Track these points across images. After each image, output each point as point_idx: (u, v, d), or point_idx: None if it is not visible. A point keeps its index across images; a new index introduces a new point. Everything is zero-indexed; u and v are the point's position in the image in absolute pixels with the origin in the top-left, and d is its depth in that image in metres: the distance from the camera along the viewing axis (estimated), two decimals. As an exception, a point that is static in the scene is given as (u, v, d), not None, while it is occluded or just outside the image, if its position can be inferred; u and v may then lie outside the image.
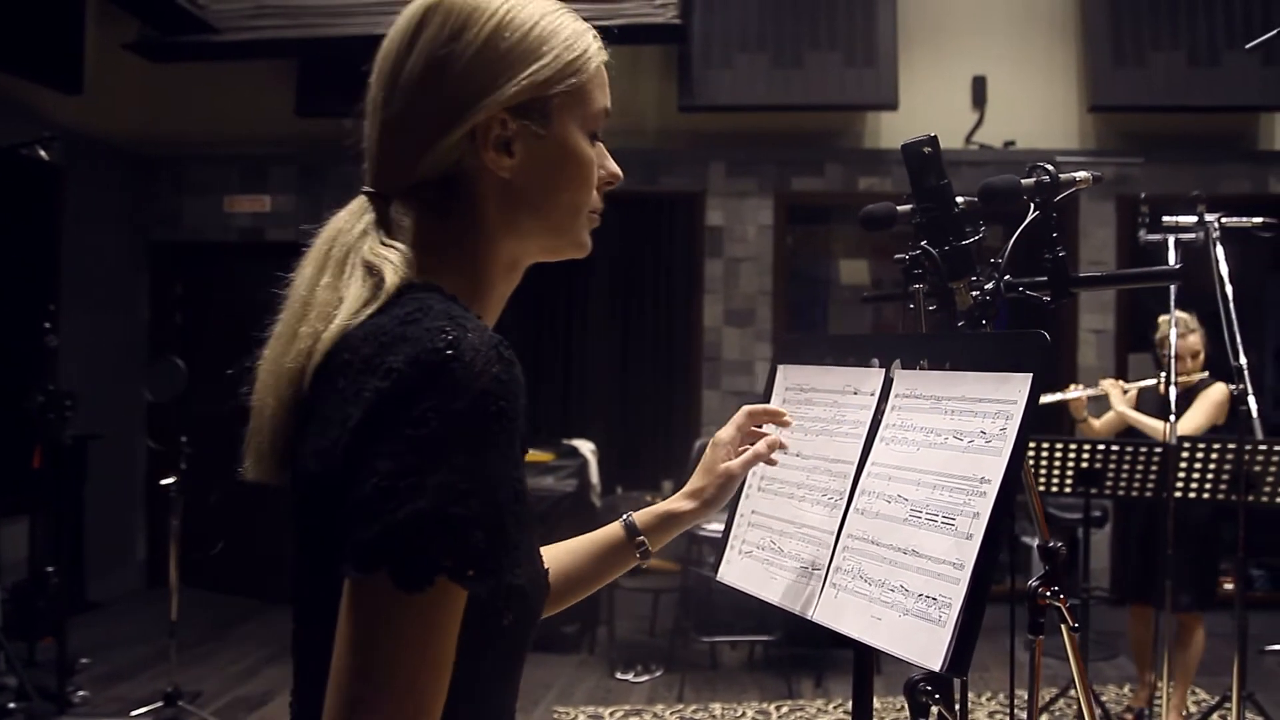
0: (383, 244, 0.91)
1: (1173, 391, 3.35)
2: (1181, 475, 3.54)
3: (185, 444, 4.21)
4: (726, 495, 1.24)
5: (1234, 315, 3.32)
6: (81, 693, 4.42)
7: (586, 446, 5.79)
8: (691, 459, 5.57)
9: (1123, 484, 3.79)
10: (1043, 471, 3.89)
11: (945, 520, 1.16)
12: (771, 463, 1.29)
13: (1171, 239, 3.53)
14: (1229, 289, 3.34)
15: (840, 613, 1.26)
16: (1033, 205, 1.41)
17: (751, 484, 1.56)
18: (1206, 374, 4.05)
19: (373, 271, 0.89)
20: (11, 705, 4.20)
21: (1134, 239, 4.04)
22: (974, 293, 1.46)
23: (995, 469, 1.13)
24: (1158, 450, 3.61)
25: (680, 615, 5.31)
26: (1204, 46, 5.72)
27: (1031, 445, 3.89)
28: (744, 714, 4.48)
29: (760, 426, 1.33)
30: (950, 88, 6.07)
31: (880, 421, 1.34)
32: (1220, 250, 3.41)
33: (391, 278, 0.87)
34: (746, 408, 1.30)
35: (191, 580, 6.28)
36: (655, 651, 5.29)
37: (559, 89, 0.91)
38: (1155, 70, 5.70)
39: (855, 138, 6.19)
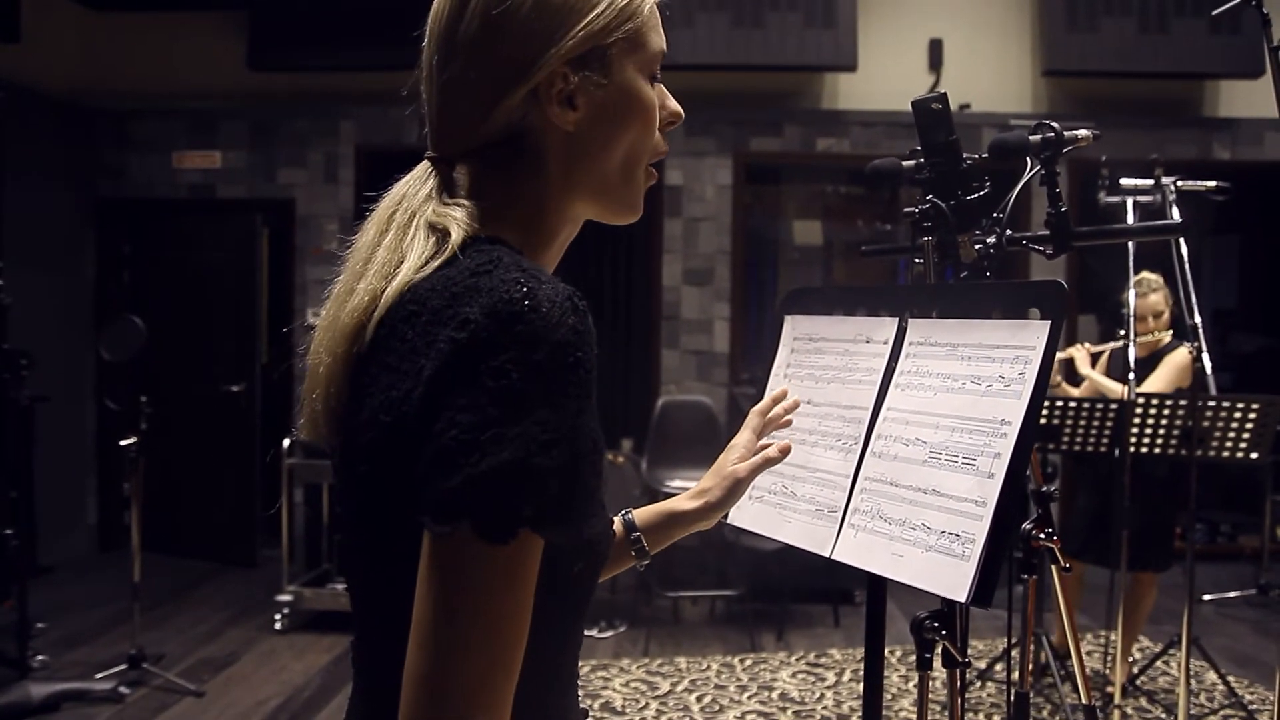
0: (444, 204, 0.91)
1: (1132, 351, 3.46)
2: (1135, 431, 3.66)
3: (145, 404, 4.14)
4: (733, 498, 1.22)
5: (1189, 275, 3.43)
6: (40, 657, 4.36)
7: (548, 406, 5.80)
8: (654, 419, 5.62)
9: (1079, 439, 3.91)
10: (1001, 427, 3.99)
11: (966, 461, 1.21)
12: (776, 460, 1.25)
13: (1130, 201, 3.62)
14: (1184, 249, 3.45)
15: (861, 551, 1.31)
16: (1034, 162, 1.45)
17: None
18: (1170, 335, 4.16)
19: (436, 229, 0.89)
20: (-32, 670, 4.14)
21: (1087, 202, 4.15)
22: (977, 246, 1.50)
23: (1016, 411, 1.18)
24: (1113, 406, 3.73)
25: (643, 571, 5.38)
26: (1154, 13, 5.84)
27: (991, 402, 3.99)
28: (708, 667, 4.57)
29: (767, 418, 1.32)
30: (908, 50, 6.13)
31: (894, 369, 1.38)
32: (1176, 212, 3.51)
33: (456, 232, 0.88)
34: (754, 410, 1.29)
35: (147, 544, 6.20)
36: (619, 607, 5.36)
37: (616, 36, 0.90)
38: (1107, 36, 5.81)
39: (814, 98, 6.22)
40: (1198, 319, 3.36)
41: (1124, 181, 3.65)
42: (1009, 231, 1.52)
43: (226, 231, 6.19)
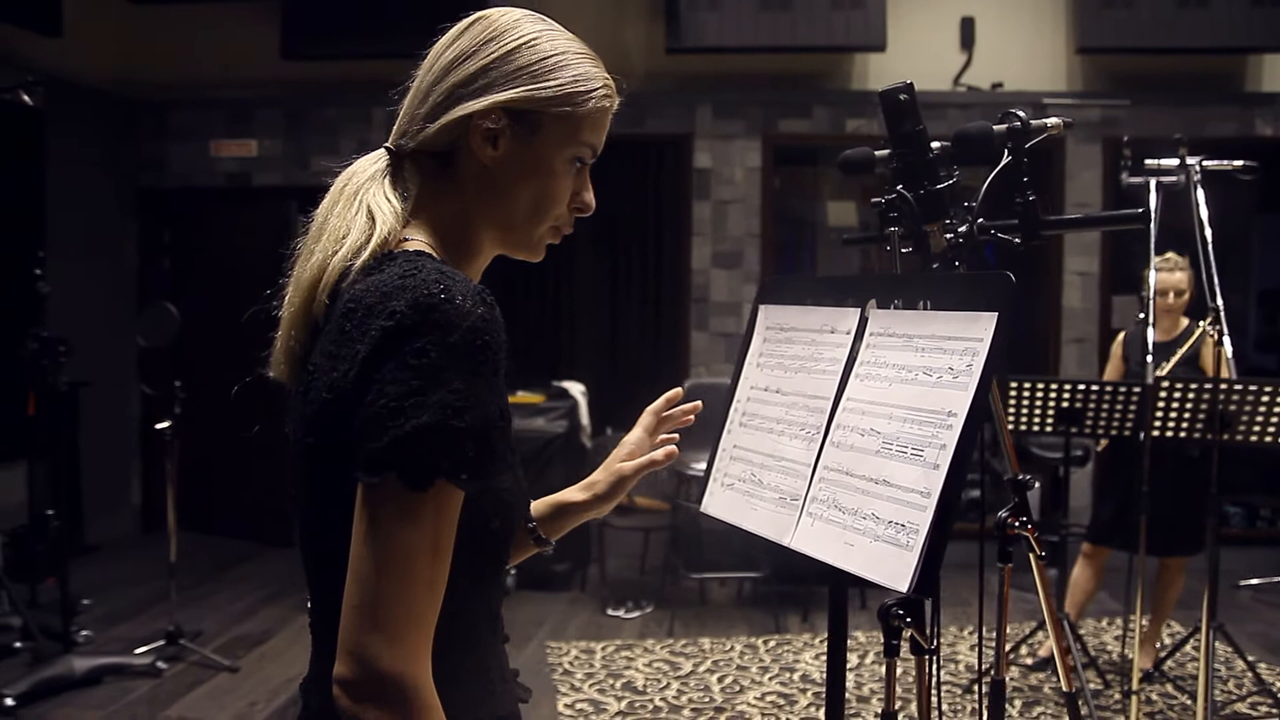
0: (385, 196, 1.08)
1: (1151, 334, 3.41)
2: (1159, 415, 3.61)
3: (179, 389, 4.25)
4: (618, 492, 1.32)
5: (1212, 257, 3.37)
6: (85, 632, 4.52)
7: (576, 388, 5.86)
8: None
9: (1102, 423, 3.87)
10: (1024, 411, 3.96)
11: (914, 451, 1.23)
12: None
13: (1153, 182, 3.56)
14: (1208, 232, 3.39)
15: (816, 540, 1.33)
16: (1005, 151, 1.45)
17: (733, 419, 1.62)
18: (1187, 320, 4.09)
19: (371, 217, 1.06)
20: (17, 644, 4.30)
21: (1120, 182, 4.07)
22: (948, 235, 1.51)
23: (961, 403, 1.19)
24: (1136, 390, 3.68)
25: (670, 553, 5.43)
26: (1193, -14, 5.70)
27: (1013, 385, 3.96)
28: (732, 648, 4.61)
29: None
30: (939, 29, 6.05)
31: (855, 359, 1.40)
32: (1200, 193, 3.45)
33: (381, 227, 1.05)
34: (648, 409, 1.38)
35: (188, 524, 6.37)
36: (645, 588, 5.41)
37: (554, 110, 1.06)
38: (1143, 11, 5.68)
39: (843, 79, 6.17)
40: (1219, 301, 3.29)
41: (1147, 162, 3.59)
42: (981, 220, 1.52)
43: (262, 219, 6.30)
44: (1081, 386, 3.86)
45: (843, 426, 1.36)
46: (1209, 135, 5.82)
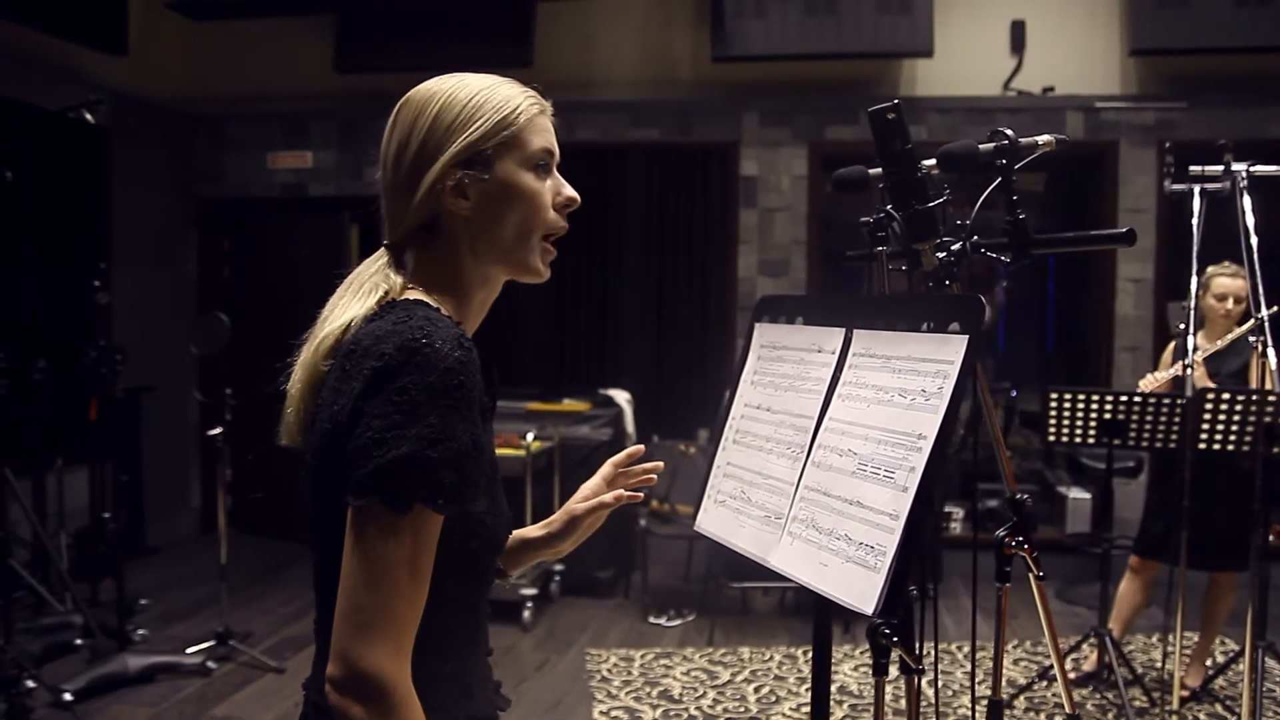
0: (387, 274, 1.21)
1: (1191, 341, 3.34)
2: (1206, 427, 3.53)
3: (230, 396, 4.38)
4: (571, 532, 1.43)
5: (1258, 267, 3.28)
6: (141, 631, 4.67)
7: (622, 396, 5.90)
8: (722, 407, 5.64)
9: (1146, 435, 3.79)
10: (1065, 422, 3.90)
11: (886, 474, 1.23)
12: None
13: (1197, 189, 3.48)
14: (1254, 240, 3.30)
15: (794, 559, 1.34)
16: (997, 169, 1.44)
17: (728, 436, 1.64)
18: (1239, 328, 3.99)
19: (374, 290, 1.19)
20: (78, 641, 4.47)
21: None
22: (940, 254, 1.50)
23: (931, 425, 1.20)
24: (1180, 402, 3.60)
25: (713, 561, 5.43)
26: (1252, -16, 5.54)
27: (1054, 396, 3.90)
28: (771, 658, 4.60)
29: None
30: (988, 33, 5.97)
31: (839, 379, 1.40)
32: (1247, 200, 3.36)
33: (380, 292, 1.18)
34: (610, 460, 1.49)
35: (242, 526, 6.56)
36: (688, 597, 5.42)
37: (494, 141, 1.17)
38: (1199, 10, 5.53)
39: (890, 86, 6.12)
40: (1264, 312, 3.21)
41: (1191, 168, 3.51)
42: (975, 238, 1.51)
43: (316, 228, 6.46)
44: (1124, 398, 3.79)
45: (824, 446, 1.37)
46: (1271, 137, 5.66)
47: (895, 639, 1.48)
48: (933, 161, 1.53)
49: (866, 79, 6.11)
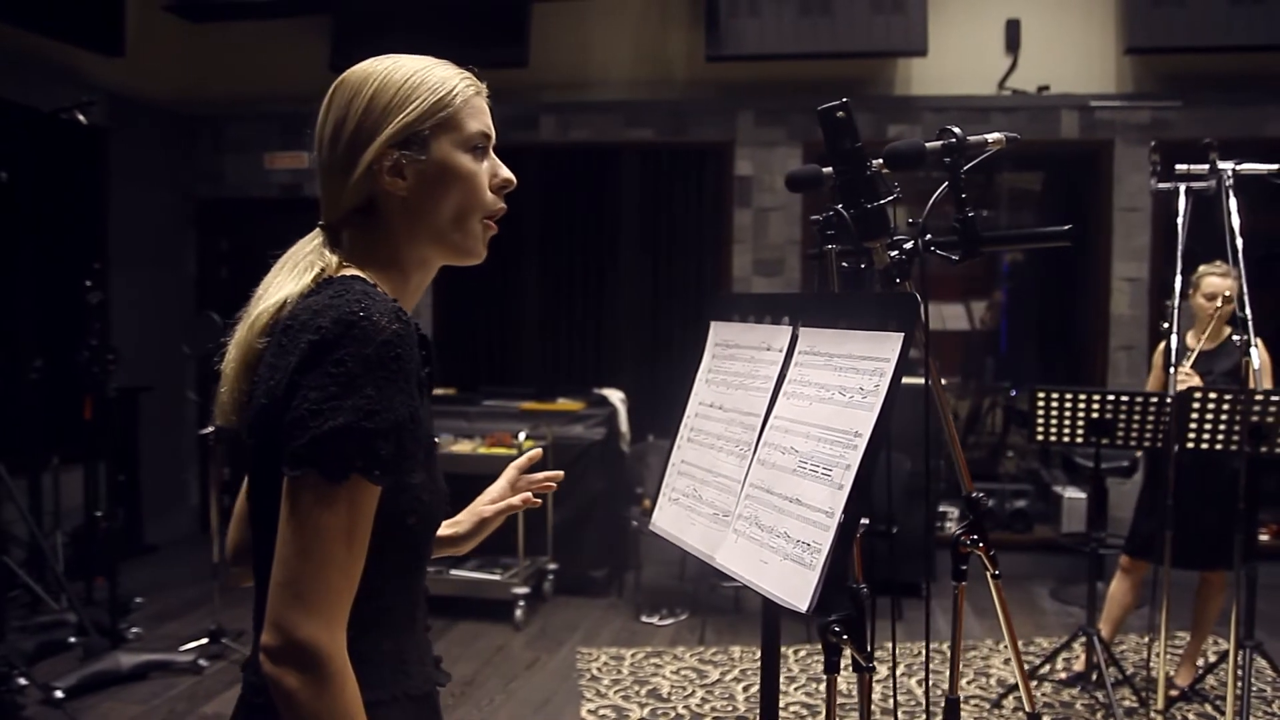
0: (323, 253, 1.20)
1: (1174, 340, 3.34)
2: (1194, 427, 3.53)
3: (222, 395, 4.39)
4: (480, 532, 1.49)
5: (1242, 267, 3.28)
6: (135, 629, 4.70)
7: (616, 395, 5.90)
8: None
9: (1134, 434, 3.79)
10: (1054, 421, 3.90)
11: (824, 471, 1.24)
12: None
13: (1183, 187, 3.47)
14: (1239, 241, 3.29)
15: (738, 557, 1.35)
16: (946, 167, 1.44)
17: (682, 435, 1.64)
18: (1228, 331, 3.97)
19: (310, 268, 1.19)
20: (71, 639, 4.49)
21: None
22: (891, 252, 1.51)
23: (866, 423, 1.20)
24: (1167, 401, 3.59)
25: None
26: (1248, -18, 5.52)
27: (1041, 396, 3.90)
28: (759, 657, 4.60)
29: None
30: (982, 32, 5.96)
31: (785, 376, 1.41)
32: (1233, 199, 3.35)
33: (315, 270, 1.18)
34: (512, 464, 1.55)
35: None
36: (681, 596, 5.43)
37: (430, 122, 1.17)
38: (1194, 9, 5.52)
39: (885, 85, 6.11)
40: (1248, 312, 3.20)
41: (1177, 167, 3.50)
42: (928, 236, 1.52)
43: (312, 228, 6.47)
44: (1110, 397, 3.78)
45: (769, 444, 1.38)
46: (1267, 135, 5.64)
47: (846, 637, 1.49)
48: (881, 160, 1.53)
49: (861, 78, 6.11)
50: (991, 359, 7.48)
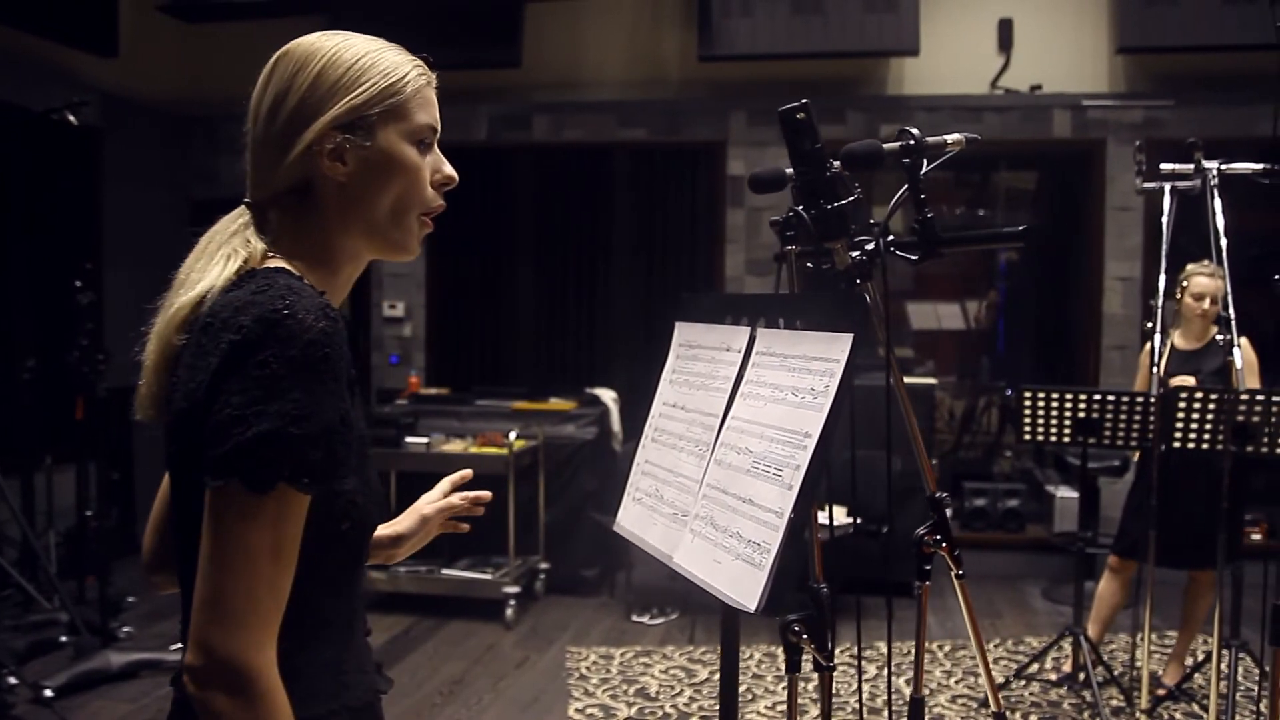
0: (247, 239, 1.13)
1: (1158, 338, 3.34)
2: (1179, 427, 3.53)
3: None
4: (419, 532, 1.44)
5: (1227, 266, 3.28)
6: (126, 629, 4.71)
7: (608, 395, 5.91)
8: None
9: (1120, 434, 3.79)
10: (1041, 421, 3.90)
11: (775, 471, 1.24)
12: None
13: (1167, 187, 3.47)
14: (1224, 241, 3.29)
15: (694, 557, 1.36)
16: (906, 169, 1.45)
17: (647, 434, 1.65)
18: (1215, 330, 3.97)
19: (233, 256, 1.12)
20: (63, 638, 4.51)
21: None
22: (853, 253, 1.51)
23: (816, 423, 1.20)
24: (1152, 400, 3.59)
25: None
26: (1241, -19, 5.52)
27: (1028, 395, 3.90)
28: (751, 656, 4.61)
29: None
30: (975, 31, 5.95)
31: (743, 377, 1.42)
32: (1218, 199, 3.35)
33: (238, 260, 1.11)
34: (445, 479, 1.49)
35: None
36: (672, 595, 5.43)
37: (378, 108, 1.11)
38: (1186, 8, 5.51)
39: (877, 84, 6.11)
40: (1231, 311, 3.20)
41: (1162, 166, 3.50)
42: (890, 237, 1.52)
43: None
44: (1097, 397, 3.79)
45: (725, 444, 1.38)
46: (1260, 135, 5.63)
47: (805, 636, 1.49)
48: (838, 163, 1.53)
49: (854, 78, 6.11)
50: (988, 358, 7.48)
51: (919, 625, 1.64)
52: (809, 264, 1.59)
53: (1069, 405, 3.82)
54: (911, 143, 1.42)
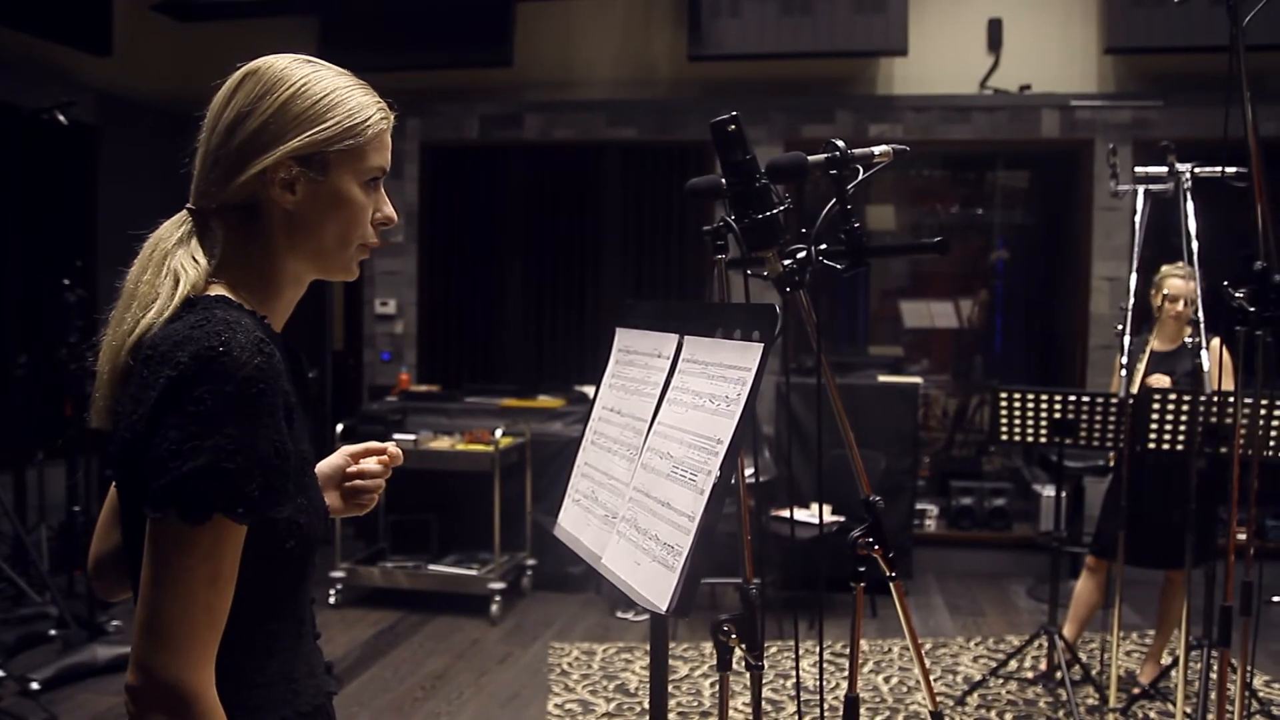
0: (192, 256, 1.16)
1: (1126, 339, 3.36)
2: (1154, 428, 3.55)
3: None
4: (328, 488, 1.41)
5: (1197, 269, 3.30)
6: (115, 623, 4.76)
7: (597, 394, 5.94)
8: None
9: (1096, 434, 3.81)
10: (1017, 421, 3.93)
11: (691, 476, 1.28)
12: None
13: (1141, 190, 3.49)
14: (1195, 244, 3.31)
15: (618, 559, 1.39)
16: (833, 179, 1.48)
17: (587, 437, 1.68)
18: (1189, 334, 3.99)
19: (176, 279, 1.14)
20: (52, 632, 4.56)
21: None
22: (785, 261, 1.54)
23: (727, 430, 1.24)
24: (1128, 402, 3.61)
25: (683, 558, 5.47)
26: (1228, -17, 5.51)
27: (1004, 395, 3.92)
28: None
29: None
30: (964, 32, 5.97)
31: (670, 383, 1.45)
32: (1190, 203, 3.37)
33: (184, 287, 1.13)
34: (344, 451, 1.44)
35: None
36: (658, 592, 5.46)
37: (337, 147, 1.15)
38: (1174, 8, 5.52)
39: (866, 84, 6.13)
40: (1200, 314, 3.23)
41: (1136, 169, 3.52)
42: (823, 246, 1.55)
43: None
44: (1073, 397, 3.81)
45: (651, 449, 1.42)
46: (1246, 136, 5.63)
47: (735, 635, 1.53)
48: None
49: (842, 78, 6.13)
50: (981, 357, 7.50)
51: (854, 625, 1.67)
52: (748, 271, 1.63)
53: (1044, 406, 3.85)
54: (837, 154, 1.45)
